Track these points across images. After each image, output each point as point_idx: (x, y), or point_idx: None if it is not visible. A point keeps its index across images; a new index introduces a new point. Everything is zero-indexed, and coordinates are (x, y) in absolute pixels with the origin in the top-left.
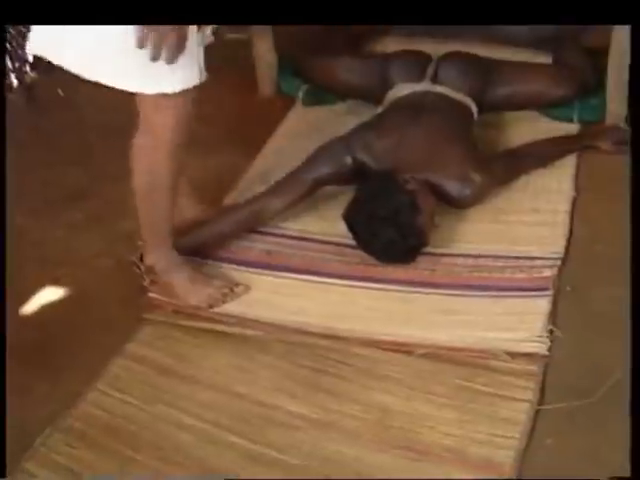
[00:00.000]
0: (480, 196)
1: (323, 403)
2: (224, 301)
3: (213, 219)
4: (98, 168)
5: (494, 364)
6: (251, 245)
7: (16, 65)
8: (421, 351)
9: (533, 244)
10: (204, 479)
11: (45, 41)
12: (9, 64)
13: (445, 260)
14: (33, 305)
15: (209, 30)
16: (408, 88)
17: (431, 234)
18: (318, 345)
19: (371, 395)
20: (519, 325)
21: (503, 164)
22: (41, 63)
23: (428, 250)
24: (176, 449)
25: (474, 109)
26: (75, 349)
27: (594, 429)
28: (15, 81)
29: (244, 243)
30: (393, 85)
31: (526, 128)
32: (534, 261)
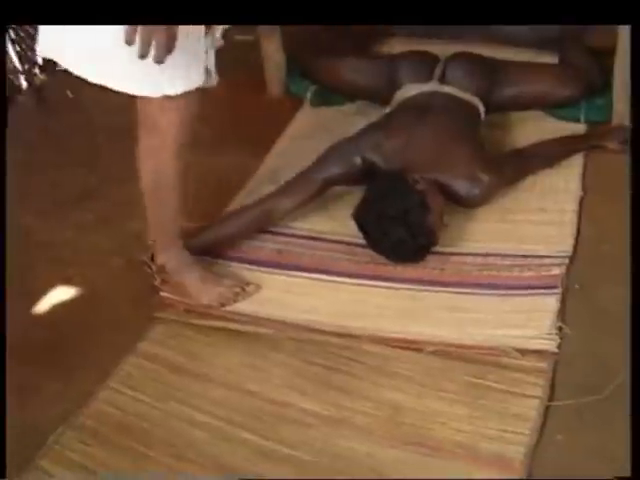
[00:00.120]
0: (488, 195)
1: (335, 400)
2: (235, 300)
3: (224, 220)
4: (106, 169)
5: (504, 361)
6: (262, 244)
7: (25, 67)
8: (431, 348)
9: (541, 243)
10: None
11: (53, 44)
12: (19, 66)
13: (454, 259)
14: (44, 305)
15: (219, 33)
16: (416, 88)
17: (440, 233)
18: (329, 343)
19: (382, 392)
20: (528, 323)
21: (511, 164)
22: (50, 65)
23: (437, 249)
24: (189, 446)
25: (481, 109)
26: (87, 348)
27: (602, 426)
28: (24, 83)
29: (255, 242)
30: (401, 86)
31: (532, 128)
32: (542, 260)
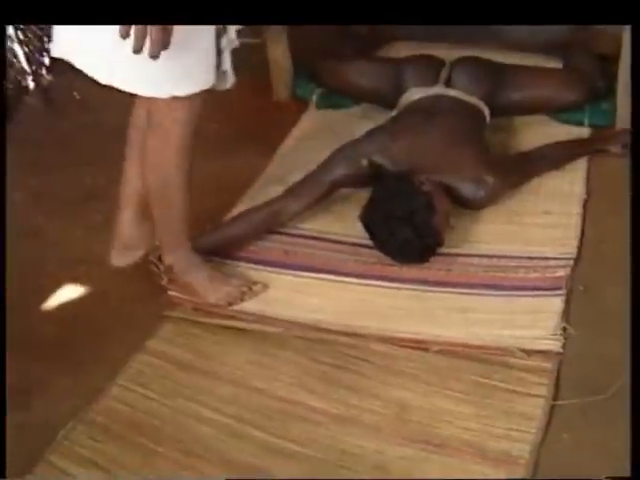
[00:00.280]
0: (494, 197)
1: (343, 398)
2: (243, 299)
3: (232, 221)
4: (114, 169)
5: (510, 361)
6: (269, 245)
7: (33, 68)
8: (437, 348)
9: (546, 245)
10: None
11: (66, 44)
12: (27, 67)
13: (460, 260)
14: (54, 302)
15: (234, 34)
16: (422, 92)
17: (446, 234)
18: (337, 342)
19: (390, 391)
20: (534, 323)
21: (516, 166)
22: (57, 66)
23: (443, 250)
24: (197, 442)
25: (486, 113)
26: (96, 345)
27: (607, 425)
28: (32, 84)
29: (262, 243)
30: (407, 89)
31: (537, 132)
32: (548, 261)
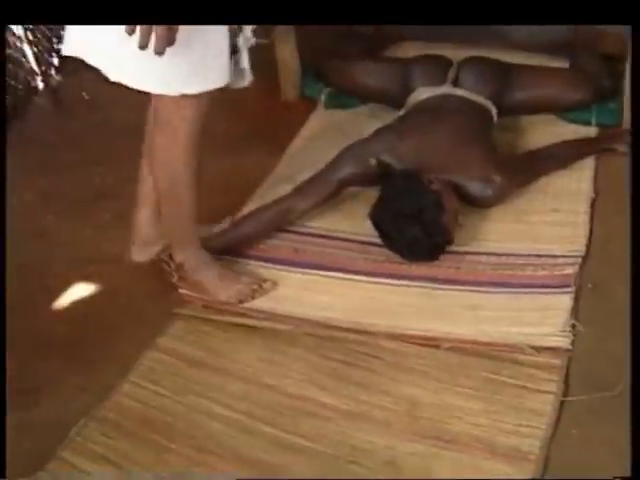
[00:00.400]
0: (502, 196)
1: (353, 395)
2: (253, 297)
3: (242, 220)
4: (123, 168)
5: (520, 358)
6: (278, 243)
7: (42, 69)
8: (447, 345)
9: (554, 243)
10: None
11: (78, 42)
12: (35, 67)
13: (469, 258)
14: (64, 301)
15: (249, 32)
16: (429, 91)
17: (455, 233)
18: (347, 339)
19: (400, 387)
20: (543, 320)
21: (523, 165)
22: (66, 66)
23: (452, 248)
24: (208, 438)
25: (494, 112)
26: (107, 343)
27: (615, 421)
28: (41, 84)
29: (272, 241)
30: (414, 89)
31: (544, 131)
32: (556, 259)
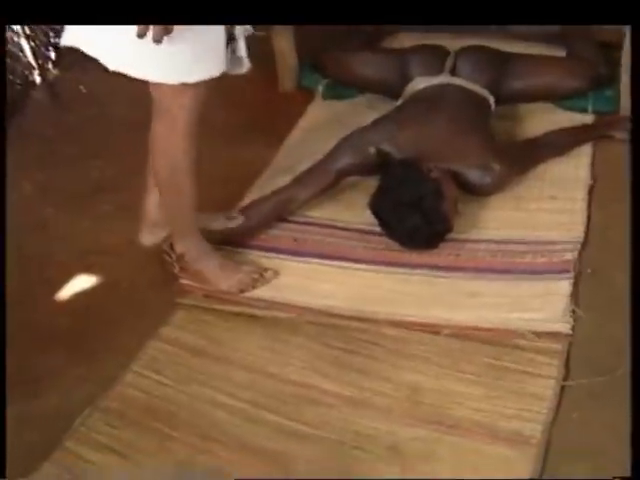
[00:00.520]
0: (500, 184)
1: (355, 382)
2: (254, 286)
3: (242, 211)
4: (122, 161)
5: (520, 343)
6: (279, 233)
7: (40, 62)
8: (448, 331)
9: (553, 230)
10: None
11: (77, 33)
12: (33, 62)
13: (469, 245)
14: (66, 293)
15: None
16: (427, 81)
17: (454, 220)
18: (349, 327)
19: (401, 374)
20: (543, 306)
21: (521, 153)
22: (63, 60)
23: (452, 236)
24: (213, 426)
25: (491, 101)
26: (108, 334)
27: (615, 405)
28: (38, 78)
29: (272, 231)
30: (412, 79)
31: (542, 119)
32: (555, 245)
